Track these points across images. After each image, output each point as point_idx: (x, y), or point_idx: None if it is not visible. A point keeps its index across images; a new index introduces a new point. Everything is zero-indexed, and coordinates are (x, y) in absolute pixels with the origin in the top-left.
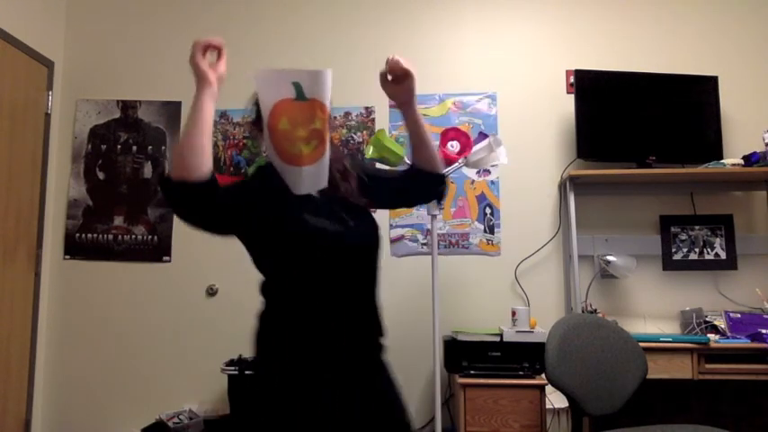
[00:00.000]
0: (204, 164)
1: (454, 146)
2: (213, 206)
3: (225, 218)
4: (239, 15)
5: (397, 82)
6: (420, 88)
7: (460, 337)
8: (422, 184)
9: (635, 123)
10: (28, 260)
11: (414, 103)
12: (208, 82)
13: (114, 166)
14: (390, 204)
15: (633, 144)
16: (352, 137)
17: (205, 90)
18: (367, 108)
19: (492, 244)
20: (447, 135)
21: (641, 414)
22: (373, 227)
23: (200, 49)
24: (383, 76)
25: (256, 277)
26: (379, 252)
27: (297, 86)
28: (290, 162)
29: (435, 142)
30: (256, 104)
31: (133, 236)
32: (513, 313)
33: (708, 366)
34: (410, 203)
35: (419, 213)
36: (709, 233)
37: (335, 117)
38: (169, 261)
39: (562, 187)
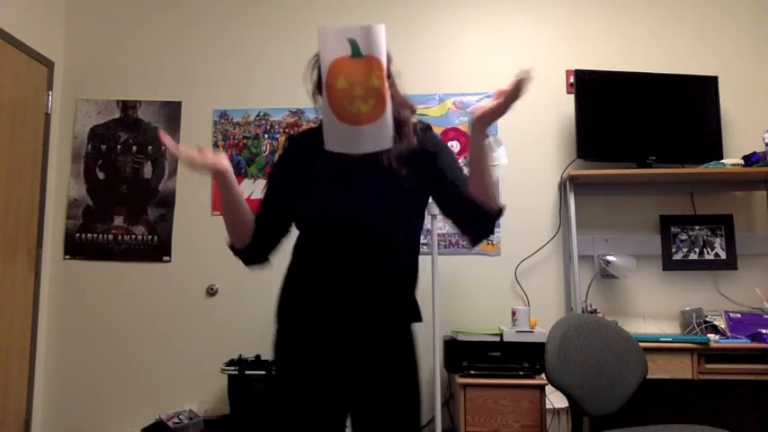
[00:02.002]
0: (250, 228)
1: (454, 146)
2: (268, 240)
3: (280, 235)
4: (239, 15)
5: (506, 102)
6: (420, 88)
7: (460, 337)
8: (478, 214)
9: (635, 123)
10: (28, 260)
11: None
12: (222, 172)
13: (114, 166)
14: (440, 203)
15: (633, 144)
16: None
17: (226, 179)
18: None
19: (492, 244)
20: (447, 135)
21: (641, 414)
22: (399, 205)
23: (192, 155)
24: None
25: (256, 277)
26: (399, 233)
27: (353, 43)
28: (348, 121)
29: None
30: (317, 67)
31: (133, 236)
32: (513, 313)
33: (708, 366)
34: (457, 220)
35: None
36: (709, 233)
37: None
38: (169, 261)
39: (562, 187)
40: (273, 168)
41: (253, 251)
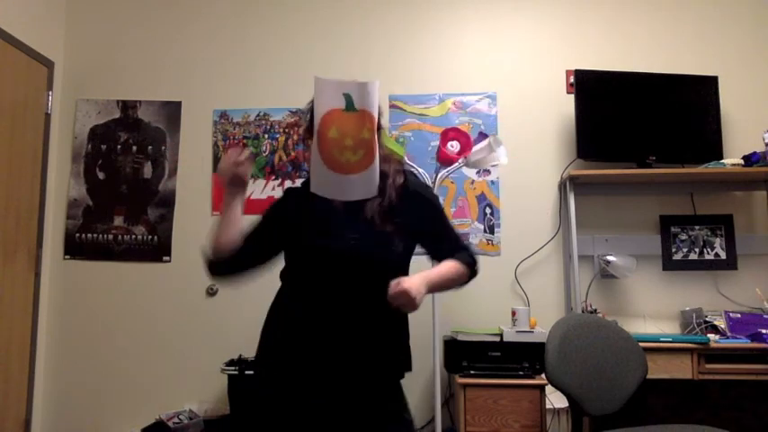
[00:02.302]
0: (235, 242)
1: (454, 146)
2: (240, 261)
3: (253, 261)
4: (239, 15)
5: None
6: (420, 88)
7: (460, 337)
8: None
9: (635, 123)
10: (28, 260)
11: (423, 288)
12: (243, 190)
13: (114, 166)
14: (424, 249)
15: (633, 144)
16: None
17: (239, 197)
18: None
19: (492, 244)
20: (447, 135)
21: (641, 414)
22: (388, 252)
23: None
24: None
25: (256, 277)
26: (388, 274)
27: (347, 97)
28: (337, 170)
29: (452, 273)
30: (311, 111)
31: (133, 236)
32: (513, 313)
33: (708, 366)
34: None
35: None
36: (709, 233)
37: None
38: (169, 261)
39: (562, 187)
40: (270, 205)
41: (230, 265)
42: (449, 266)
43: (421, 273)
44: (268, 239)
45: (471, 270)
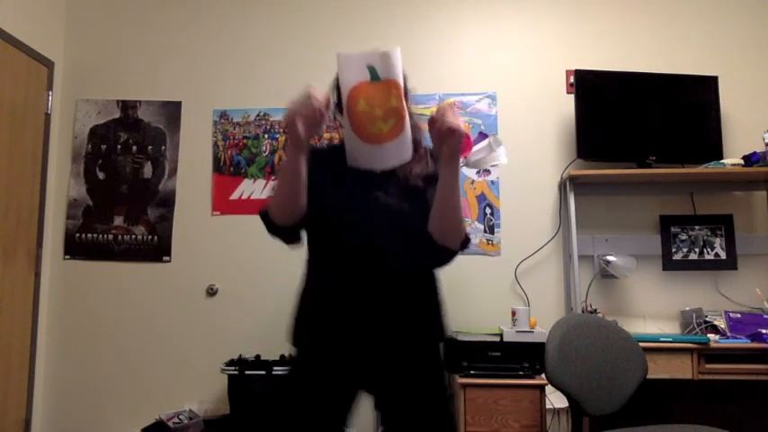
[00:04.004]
0: (302, 209)
1: None
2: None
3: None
4: (239, 15)
5: (441, 138)
6: (420, 88)
7: (460, 337)
8: (434, 255)
9: (635, 123)
10: (28, 260)
11: (455, 165)
12: (302, 147)
13: (114, 166)
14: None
15: (633, 144)
16: None
17: (297, 151)
18: None
19: (492, 244)
20: None
21: (641, 414)
22: (419, 212)
23: (303, 114)
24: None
25: (256, 277)
26: (418, 236)
27: (371, 69)
28: (370, 141)
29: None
30: (337, 88)
31: (133, 236)
32: (513, 313)
33: (708, 366)
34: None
35: None
36: (709, 233)
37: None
38: (169, 261)
39: (562, 187)
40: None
41: (296, 232)
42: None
43: None
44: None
45: (463, 241)
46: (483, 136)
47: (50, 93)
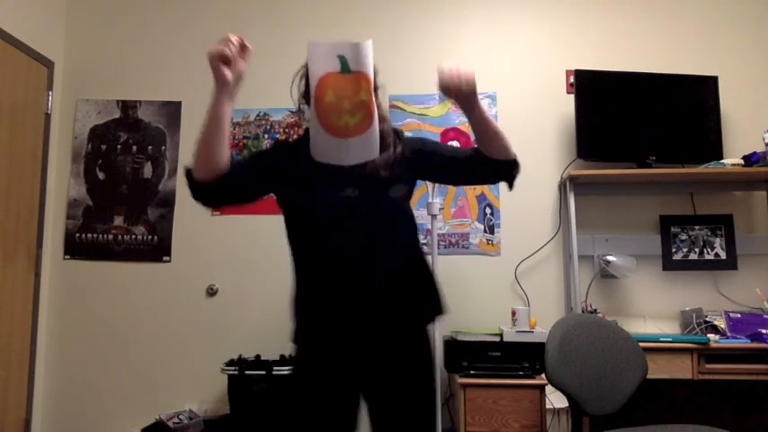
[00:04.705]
0: (220, 163)
1: (454, 146)
2: (228, 193)
3: (239, 198)
4: (239, 15)
5: (456, 97)
6: (420, 88)
7: (460, 337)
8: (494, 170)
9: (635, 123)
10: (28, 260)
11: (476, 106)
12: (223, 82)
13: (114, 166)
14: (453, 181)
15: (633, 144)
16: None
17: (221, 91)
18: None
19: (492, 244)
20: (447, 135)
21: (641, 414)
22: (390, 202)
23: (218, 51)
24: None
25: (256, 277)
26: (394, 225)
27: (342, 60)
28: (336, 134)
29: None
30: (306, 77)
31: (133, 236)
32: (513, 313)
33: (708, 366)
34: (477, 183)
35: (419, 213)
36: (709, 233)
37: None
38: (169, 261)
39: (562, 187)
40: (260, 153)
41: (217, 193)
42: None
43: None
44: (257, 183)
45: (508, 163)
46: None
47: (50, 93)
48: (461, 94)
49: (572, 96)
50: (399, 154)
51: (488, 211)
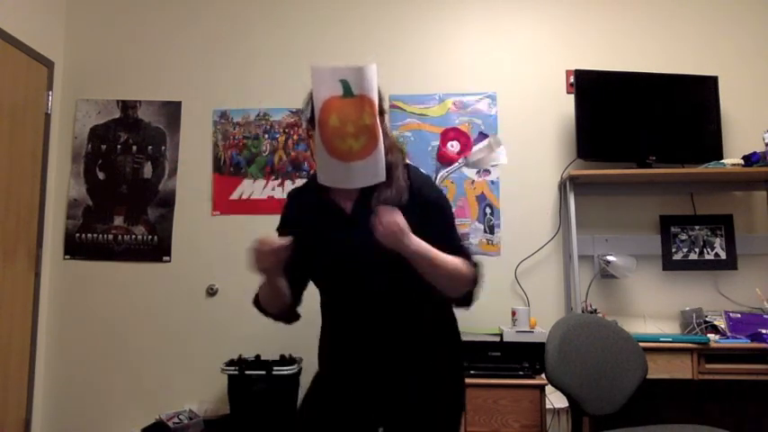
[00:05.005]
0: (288, 306)
1: (454, 146)
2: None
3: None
4: (239, 15)
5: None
6: (420, 88)
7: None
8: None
9: (635, 123)
10: (28, 260)
11: (410, 255)
12: (272, 275)
13: (114, 166)
14: None
15: (633, 144)
16: None
17: (272, 277)
18: None
19: (492, 244)
20: (447, 135)
21: (641, 414)
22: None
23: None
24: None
25: (256, 277)
26: (397, 277)
27: (344, 84)
28: (340, 158)
29: (453, 263)
30: (311, 101)
31: (133, 236)
32: (513, 313)
33: (708, 366)
34: None
35: None
36: (709, 233)
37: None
38: (169, 261)
39: (562, 187)
40: (281, 226)
41: (292, 312)
42: (449, 257)
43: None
44: (298, 268)
45: (474, 275)
46: (483, 136)
47: (50, 93)
48: (390, 238)
49: (572, 96)
50: (401, 193)
51: (488, 211)
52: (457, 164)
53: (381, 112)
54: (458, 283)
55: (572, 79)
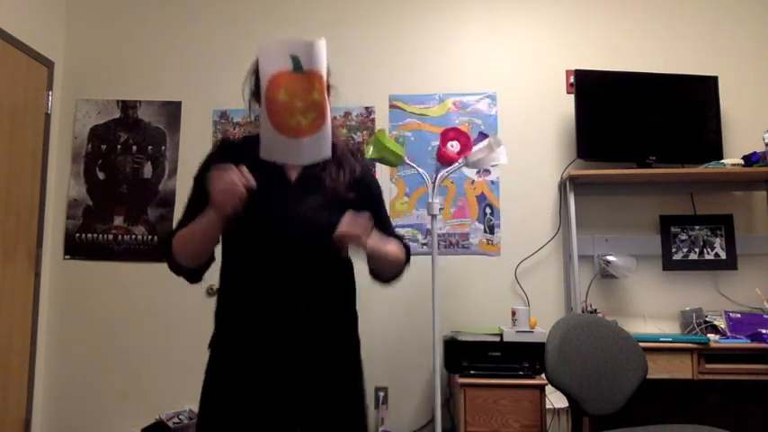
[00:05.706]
0: (206, 260)
1: (454, 146)
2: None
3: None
4: (239, 15)
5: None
6: (420, 88)
7: (460, 337)
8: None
9: (635, 123)
10: (28, 260)
11: (364, 242)
12: (224, 214)
13: (114, 166)
14: None
15: (633, 144)
16: (351, 137)
17: (220, 217)
18: (367, 108)
19: (492, 244)
20: (447, 135)
21: (641, 414)
22: (333, 221)
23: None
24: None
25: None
26: (327, 251)
27: (294, 59)
28: (288, 134)
29: (395, 252)
30: (255, 74)
31: (133, 236)
32: (513, 313)
33: (708, 366)
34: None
35: (419, 213)
36: (709, 233)
37: (335, 117)
38: None
39: (562, 187)
40: (200, 173)
41: (195, 272)
42: (391, 245)
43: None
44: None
45: (406, 258)
46: (483, 136)
47: (50, 93)
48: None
49: (572, 96)
50: (354, 171)
51: (488, 211)
52: (457, 164)
53: (329, 88)
54: (396, 268)
55: (572, 79)
